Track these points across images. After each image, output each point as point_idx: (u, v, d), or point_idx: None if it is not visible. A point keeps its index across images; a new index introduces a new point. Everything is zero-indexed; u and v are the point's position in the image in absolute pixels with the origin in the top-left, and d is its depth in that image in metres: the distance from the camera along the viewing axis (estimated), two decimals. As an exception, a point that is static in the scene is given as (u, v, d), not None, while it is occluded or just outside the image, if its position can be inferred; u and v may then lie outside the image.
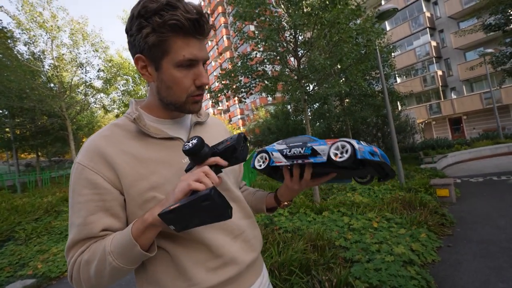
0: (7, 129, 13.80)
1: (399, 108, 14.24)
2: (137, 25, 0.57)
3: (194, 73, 0.62)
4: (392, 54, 11.71)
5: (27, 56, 11.15)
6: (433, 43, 21.50)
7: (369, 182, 0.75)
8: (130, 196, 0.60)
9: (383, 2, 23.95)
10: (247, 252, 0.70)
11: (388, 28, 23.25)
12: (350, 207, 4.56)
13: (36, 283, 3.30)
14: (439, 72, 21.57)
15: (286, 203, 0.83)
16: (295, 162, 0.69)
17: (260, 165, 0.76)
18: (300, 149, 0.68)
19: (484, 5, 10.12)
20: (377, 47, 6.23)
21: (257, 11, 4.80)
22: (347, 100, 11.68)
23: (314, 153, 0.64)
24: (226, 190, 0.72)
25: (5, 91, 10.38)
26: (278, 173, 0.83)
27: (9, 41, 11.69)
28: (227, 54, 40.19)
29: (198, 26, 0.57)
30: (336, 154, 0.61)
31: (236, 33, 5.49)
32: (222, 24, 41.53)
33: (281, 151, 0.72)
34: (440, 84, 21.50)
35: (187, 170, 0.59)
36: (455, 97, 21.41)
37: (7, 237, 5.18)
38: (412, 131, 12.84)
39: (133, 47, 0.61)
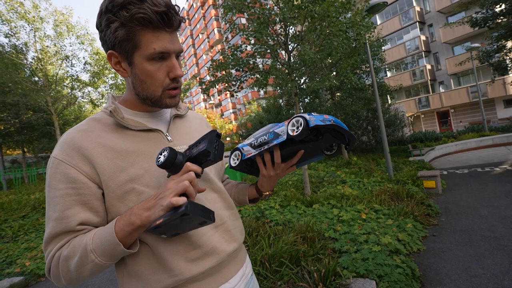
0: (-10, 125, 13.34)
1: (389, 101, 14.45)
2: (105, 20, 0.57)
3: (167, 66, 0.61)
4: (382, 48, 11.81)
5: (8, 49, 10.71)
6: (423, 37, 21.76)
7: (338, 152, 0.78)
8: (109, 188, 0.59)
9: (374, -4, 23.98)
10: (228, 242, 0.71)
11: (378, 22, 23.38)
12: (339, 199, 4.65)
13: (24, 280, 3.25)
14: (428, 66, 21.90)
15: (267, 193, 0.85)
16: (262, 149, 0.72)
17: (235, 162, 0.80)
18: (264, 136, 0.72)
19: (471, 0, 10.28)
20: (367, 41, 6.27)
21: (247, 3, 4.74)
22: (338, 93, 11.76)
23: (276, 135, 0.68)
24: (208, 181, 0.73)
25: (-14, 85, 10.00)
26: (254, 167, 0.84)
27: (-11, 32, 11.21)
28: (219, 47, 39.64)
29: (166, 19, 0.57)
30: (293, 130, 0.65)
31: (227, 25, 5.42)
32: (213, 17, 40.83)
33: (250, 144, 0.76)
34: (429, 78, 21.86)
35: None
36: (443, 90, 21.85)
37: (-7, 235, 5.07)
38: (401, 125, 13.06)
39: (105, 43, 0.61)
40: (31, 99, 10.53)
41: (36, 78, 11.39)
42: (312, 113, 0.65)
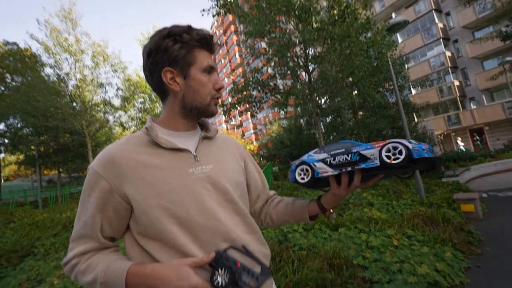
0: (32, 147, 14.56)
1: (415, 119, 13.88)
2: (165, 44, 0.68)
3: (213, 79, 0.74)
4: (406, 65, 11.59)
5: (53, 78, 11.89)
6: (448, 53, 21.11)
7: (411, 176, 0.75)
8: (136, 201, 0.64)
9: (393, 15, 24.01)
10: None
11: (400, 40, 23.16)
12: (367, 223, 4.38)
13: (52, 299, 3.33)
14: (456, 82, 21.00)
15: (331, 210, 0.82)
16: (343, 170, 0.67)
17: (303, 178, 0.75)
18: (345, 155, 0.67)
19: (499, 14, 9.94)
20: (389, 59, 6.19)
21: (267, 28, 4.94)
22: (361, 112, 11.54)
23: (363, 158, 0.64)
24: (231, 202, 0.72)
25: (32, 110, 11.04)
26: (320, 183, 0.80)
27: (37, 65, 12.59)
28: (240, 71, 41.16)
29: (212, 42, 0.73)
30: (389, 157, 0.60)
31: (248, 49, 5.64)
32: (235, 42, 42.85)
33: (323, 161, 0.72)
34: (458, 94, 20.86)
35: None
36: (474, 107, 20.65)
37: (27, 252, 5.32)
38: (431, 143, 12.38)
39: (157, 64, 0.70)
40: (69, 123, 11.42)
41: (74, 104, 12.40)
42: (412, 140, 0.61)
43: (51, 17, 11.19)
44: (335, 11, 4.80)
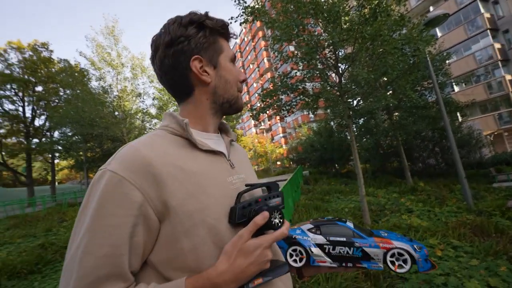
0: (81, 153, 16.10)
1: (459, 119, 12.75)
2: (189, 31, 0.59)
3: (237, 70, 0.67)
4: (447, 61, 10.73)
5: (98, 90, 13.09)
6: (497, 45, 19.10)
7: None
8: (178, 218, 0.48)
9: (431, 9, 22.45)
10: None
11: (439, 34, 21.53)
12: (406, 231, 4.11)
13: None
14: (508, 77, 18.89)
15: (308, 277, 0.76)
16: (343, 264, 0.62)
17: (295, 261, 0.66)
18: (347, 248, 0.62)
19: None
20: (427, 55, 5.80)
21: (295, 32, 4.92)
22: (396, 113, 10.91)
23: (366, 256, 0.60)
24: None
25: (80, 120, 12.24)
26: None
27: (85, 79, 13.96)
28: (268, 75, 41.43)
29: (230, 32, 0.66)
30: (393, 263, 0.58)
31: (276, 53, 5.67)
32: (263, 48, 43.32)
33: (321, 247, 0.64)
34: (510, 90, 18.74)
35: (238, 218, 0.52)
36: (532, 103, 18.38)
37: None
38: (478, 145, 11.26)
39: (182, 54, 0.59)
40: (111, 131, 12.44)
41: (116, 113, 13.49)
42: (416, 241, 0.61)
43: (96, 34, 12.37)
44: (366, 10, 4.64)
